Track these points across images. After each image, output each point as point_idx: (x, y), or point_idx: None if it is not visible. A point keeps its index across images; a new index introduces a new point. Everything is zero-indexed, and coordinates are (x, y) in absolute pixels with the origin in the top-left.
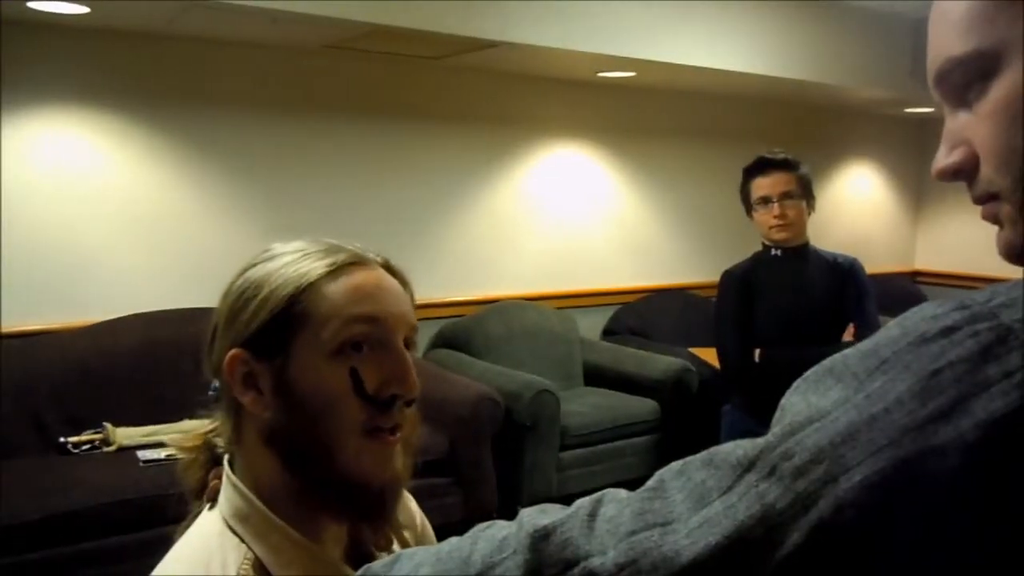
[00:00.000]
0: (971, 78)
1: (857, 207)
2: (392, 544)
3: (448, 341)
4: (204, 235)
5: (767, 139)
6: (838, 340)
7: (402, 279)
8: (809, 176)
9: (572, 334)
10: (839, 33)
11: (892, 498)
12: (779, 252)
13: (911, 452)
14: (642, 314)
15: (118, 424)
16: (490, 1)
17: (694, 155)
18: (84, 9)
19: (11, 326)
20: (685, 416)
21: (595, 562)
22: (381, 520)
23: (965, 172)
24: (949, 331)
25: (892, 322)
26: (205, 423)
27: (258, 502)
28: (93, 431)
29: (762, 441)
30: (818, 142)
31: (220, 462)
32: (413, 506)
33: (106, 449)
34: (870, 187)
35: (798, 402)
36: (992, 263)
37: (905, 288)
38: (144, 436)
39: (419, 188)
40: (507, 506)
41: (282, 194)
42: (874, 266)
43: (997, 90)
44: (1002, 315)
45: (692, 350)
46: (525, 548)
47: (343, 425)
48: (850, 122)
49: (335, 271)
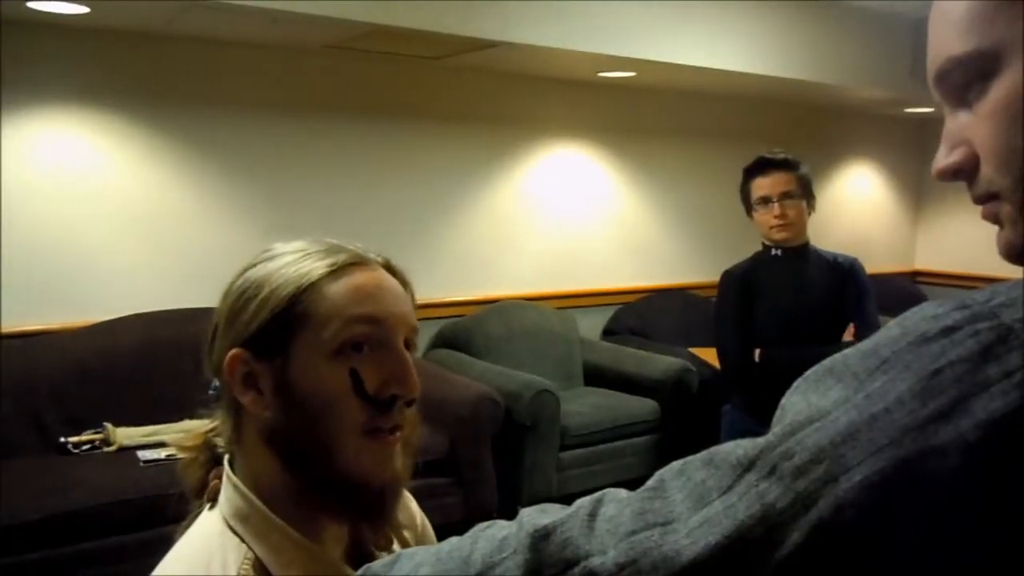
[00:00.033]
0: (971, 78)
1: (857, 207)
2: (392, 544)
3: (448, 341)
4: (204, 235)
5: (767, 139)
6: (838, 340)
7: (403, 279)
8: (809, 176)
9: (572, 334)
10: (839, 33)
11: (892, 498)
12: (779, 252)
13: (911, 452)
14: (642, 314)
15: (118, 424)
16: (490, 1)
17: (694, 155)
18: (84, 9)
19: (11, 326)
20: (685, 416)
21: (595, 562)
22: (381, 520)
23: (965, 172)
24: (949, 331)
25: (892, 322)
26: (205, 423)
27: (258, 502)
28: (93, 431)
29: (762, 441)
30: (818, 142)
31: (220, 462)
32: (413, 506)
33: (106, 449)
34: (870, 187)
35: (798, 402)
36: (992, 263)
37: (905, 288)
38: (144, 436)
39: (419, 188)
40: (507, 506)
41: (282, 194)
42: (874, 266)
43: (997, 90)
44: (1002, 315)
45: (692, 350)
46: (525, 548)
47: (343, 425)
48: (850, 122)
49: (336, 271)
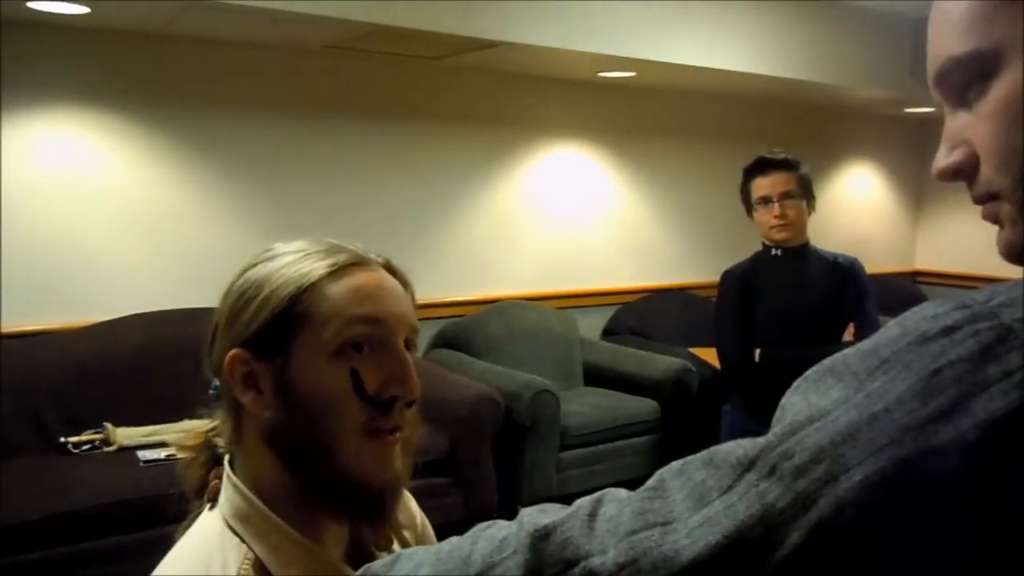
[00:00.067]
0: (971, 78)
1: (857, 207)
2: (392, 544)
3: (448, 341)
4: (204, 235)
5: (767, 139)
6: (838, 340)
7: (403, 280)
8: (809, 176)
9: (572, 334)
10: (839, 33)
11: (892, 498)
12: (779, 252)
13: (911, 452)
14: (642, 314)
15: (118, 424)
16: (490, 1)
17: (694, 155)
18: (84, 9)
19: (11, 326)
20: (685, 416)
21: (595, 562)
22: (381, 520)
23: (965, 172)
24: (949, 330)
25: (892, 322)
26: (205, 423)
27: (258, 502)
28: (93, 431)
29: (762, 440)
30: (818, 142)
31: (221, 461)
32: (413, 506)
33: (106, 449)
34: (870, 187)
35: (798, 402)
36: (992, 263)
37: (905, 288)
38: (144, 436)
39: (419, 188)
40: (507, 506)
41: (282, 194)
42: (874, 266)
43: (997, 90)
44: (1002, 315)
45: (692, 350)
46: (525, 548)
47: (343, 426)
48: (850, 122)
49: (337, 271)
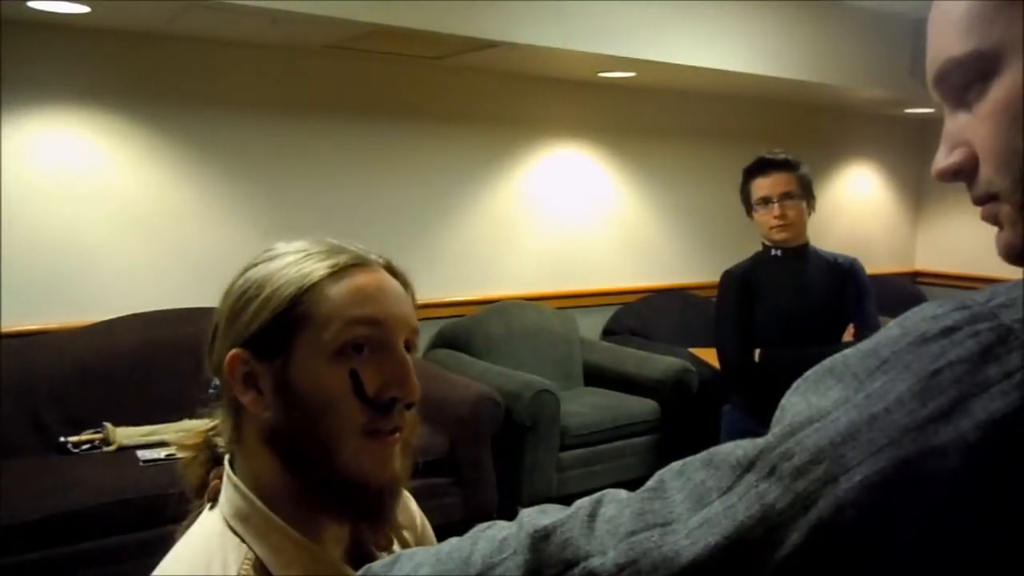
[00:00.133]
0: (971, 79)
1: (857, 207)
2: (392, 544)
3: (448, 341)
4: (204, 235)
5: (767, 139)
6: (838, 340)
7: (404, 281)
8: (809, 176)
9: (572, 334)
10: (839, 33)
11: (892, 498)
12: (779, 252)
13: (911, 452)
14: (642, 314)
15: (118, 424)
16: (490, 1)
17: (694, 155)
18: (84, 9)
19: (11, 326)
20: (685, 416)
21: (595, 562)
22: (380, 521)
23: (965, 173)
24: (949, 331)
25: (892, 322)
26: (205, 422)
27: (258, 502)
28: (93, 431)
29: (762, 441)
30: (818, 142)
31: (221, 461)
32: (413, 506)
33: (106, 449)
34: (870, 187)
35: (798, 402)
36: (992, 263)
37: (905, 288)
38: (144, 436)
39: (419, 188)
40: (507, 506)
41: (282, 194)
42: (874, 266)
43: (997, 91)
44: (1002, 315)
45: (692, 350)
46: (525, 548)
47: (343, 426)
48: (850, 122)
49: (337, 272)
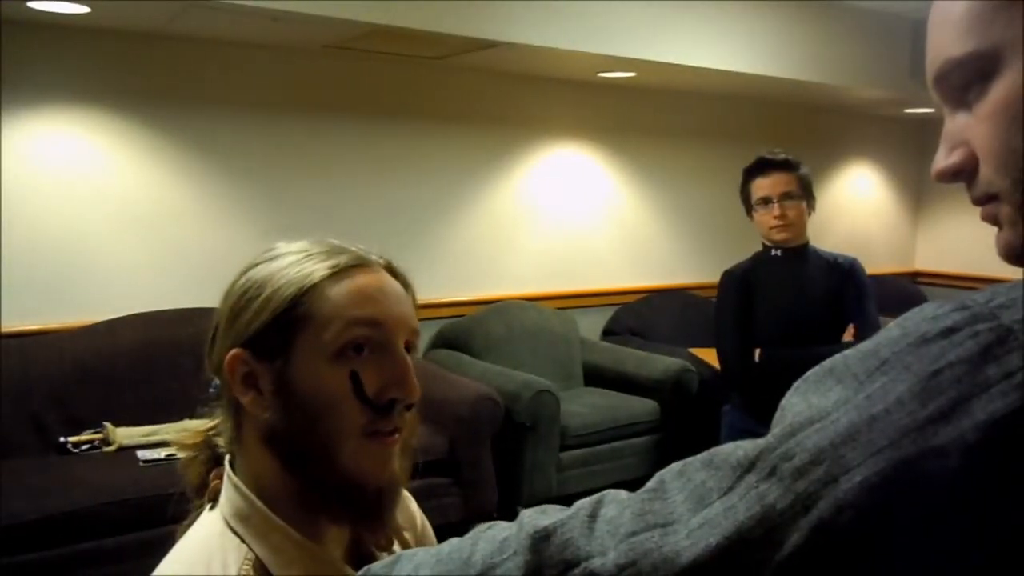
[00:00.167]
0: (970, 79)
1: (857, 207)
2: (393, 544)
3: (448, 341)
4: (204, 235)
5: (767, 139)
6: (838, 340)
7: (404, 282)
8: (809, 176)
9: (572, 334)
10: (839, 33)
11: (892, 499)
12: (779, 252)
13: (911, 453)
14: (642, 314)
15: (118, 424)
16: (490, 1)
17: (694, 155)
18: (84, 9)
19: (11, 326)
20: (685, 416)
21: (595, 563)
22: (379, 522)
23: (965, 173)
24: (949, 332)
25: (892, 323)
26: (205, 422)
27: (259, 502)
28: (93, 431)
29: (762, 442)
30: (818, 142)
31: (221, 461)
32: (413, 507)
33: (106, 449)
34: (870, 187)
35: (798, 403)
36: (992, 263)
37: (905, 288)
38: (144, 436)
39: (419, 188)
40: (507, 506)
41: (282, 194)
42: (874, 266)
43: (996, 91)
44: (1002, 316)
45: (692, 350)
46: (525, 549)
47: (343, 427)
48: (850, 122)
49: (338, 273)
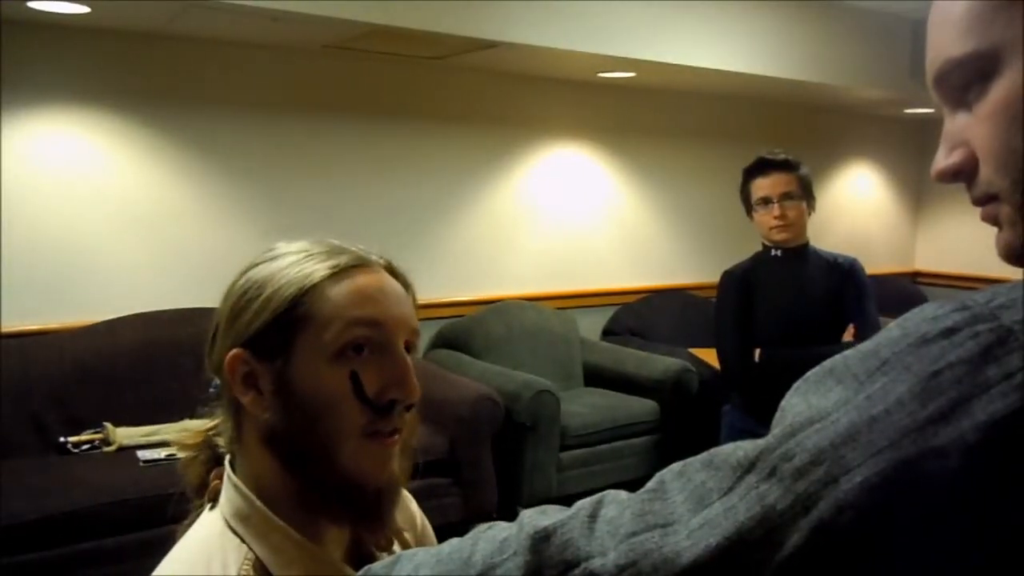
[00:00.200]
0: (970, 79)
1: (857, 207)
2: (393, 545)
3: (448, 341)
4: (204, 235)
5: (767, 139)
6: (838, 340)
7: (404, 282)
8: (809, 176)
9: (572, 334)
10: (839, 33)
11: (892, 499)
12: (779, 252)
13: (911, 453)
14: (642, 314)
15: (118, 424)
16: (490, 1)
17: (694, 155)
18: (84, 9)
19: (11, 326)
20: (685, 416)
21: (596, 563)
22: (378, 522)
23: (964, 173)
24: (949, 332)
25: (893, 323)
26: (205, 422)
27: (259, 502)
28: (93, 431)
29: (762, 442)
30: (818, 142)
31: (221, 461)
32: (413, 507)
33: (106, 449)
34: (870, 187)
35: (798, 403)
36: (992, 264)
37: (905, 288)
38: (144, 436)
39: (419, 188)
40: (507, 506)
41: (282, 194)
42: (874, 266)
43: (996, 91)
44: (1002, 316)
45: (692, 350)
46: (526, 549)
47: (343, 427)
48: (850, 122)
49: (338, 273)
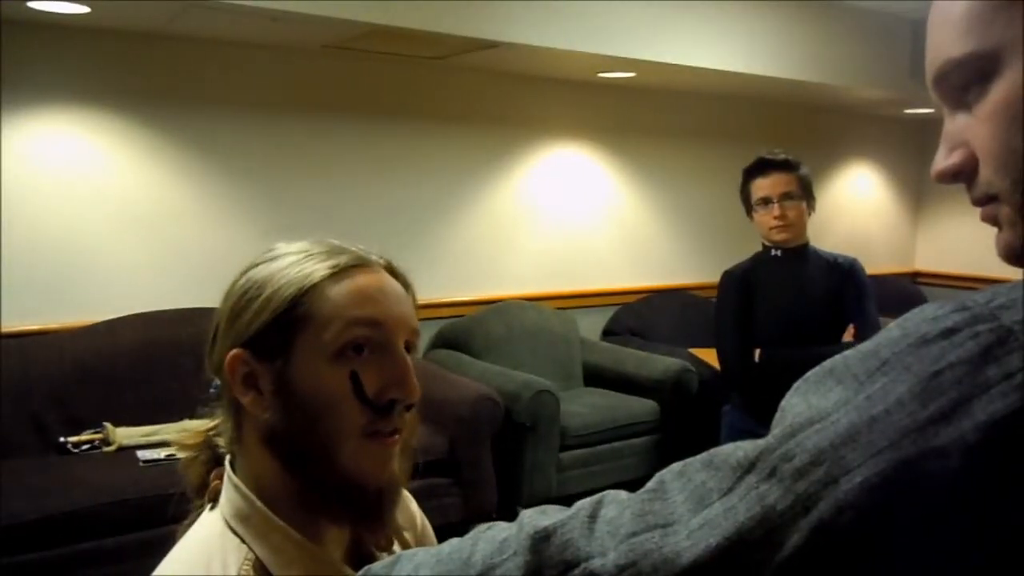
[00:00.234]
0: (970, 80)
1: (857, 207)
2: (393, 545)
3: (448, 341)
4: (204, 235)
5: (767, 139)
6: (838, 340)
7: (404, 282)
8: (809, 177)
9: (572, 334)
10: (839, 33)
11: (892, 500)
12: (779, 252)
13: (911, 453)
14: (642, 314)
15: (118, 424)
16: (490, 1)
17: (694, 155)
18: (84, 9)
19: (11, 326)
20: (685, 416)
21: (596, 563)
22: (379, 522)
23: (964, 174)
24: (949, 332)
25: (893, 323)
26: (205, 422)
27: (259, 502)
28: (93, 431)
29: (762, 442)
30: (818, 142)
31: (221, 461)
32: (413, 507)
33: (106, 449)
34: (870, 187)
35: (798, 403)
36: (992, 264)
37: (905, 288)
38: (144, 436)
39: (419, 188)
40: (507, 506)
41: (282, 194)
42: (874, 266)
43: (996, 92)
44: (1002, 317)
45: (692, 350)
46: (525, 549)
47: (343, 427)
48: (850, 122)
49: (338, 273)
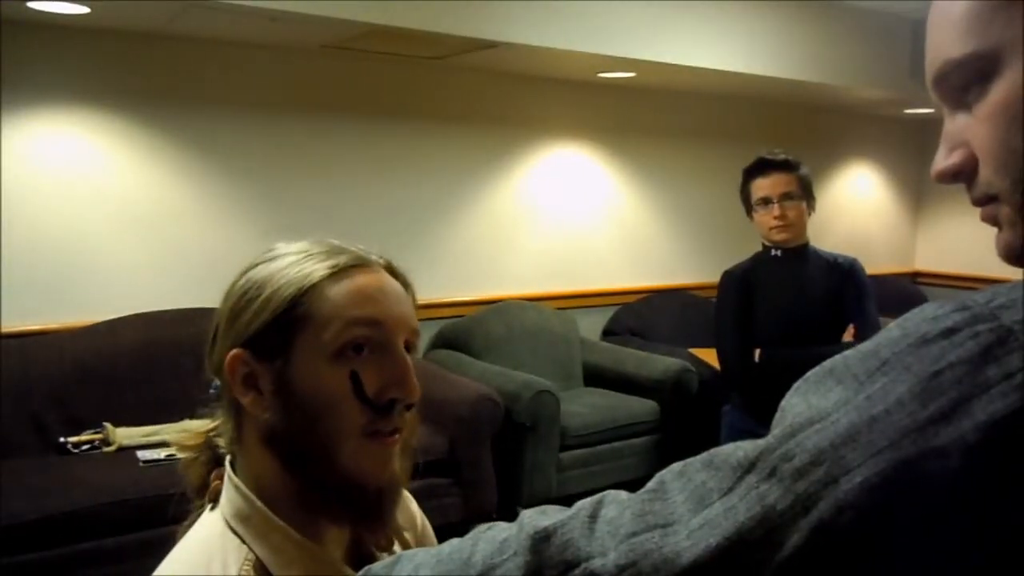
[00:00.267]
0: (970, 80)
1: (857, 207)
2: (393, 545)
3: (448, 341)
4: (204, 235)
5: (767, 139)
6: (838, 340)
7: (404, 282)
8: (809, 177)
9: (572, 334)
10: (839, 33)
11: (892, 499)
12: (779, 253)
13: (911, 453)
14: (642, 314)
15: (118, 424)
16: (490, 1)
17: (694, 155)
18: (84, 9)
19: (11, 326)
20: (685, 417)
21: (596, 563)
22: (379, 522)
23: (964, 174)
24: (949, 332)
25: (893, 323)
26: (205, 422)
27: (259, 503)
28: (93, 431)
29: (762, 442)
30: (818, 142)
31: (222, 462)
32: (413, 507)
33: (106, 449)
34: (870, 187)
35: (798, 403)
36: (992, 264)
37: (905, 288)
38: (144, 436)
39: (419, 188)
40: (507, 507)
41: (282, 194)
42: (874, 266)
43: (996, 92)
44: (1002, 316)
45: (692, 350)
46: (526, 549)
47: (343, 427)
48: (850, 122)
49: (338, 273)
